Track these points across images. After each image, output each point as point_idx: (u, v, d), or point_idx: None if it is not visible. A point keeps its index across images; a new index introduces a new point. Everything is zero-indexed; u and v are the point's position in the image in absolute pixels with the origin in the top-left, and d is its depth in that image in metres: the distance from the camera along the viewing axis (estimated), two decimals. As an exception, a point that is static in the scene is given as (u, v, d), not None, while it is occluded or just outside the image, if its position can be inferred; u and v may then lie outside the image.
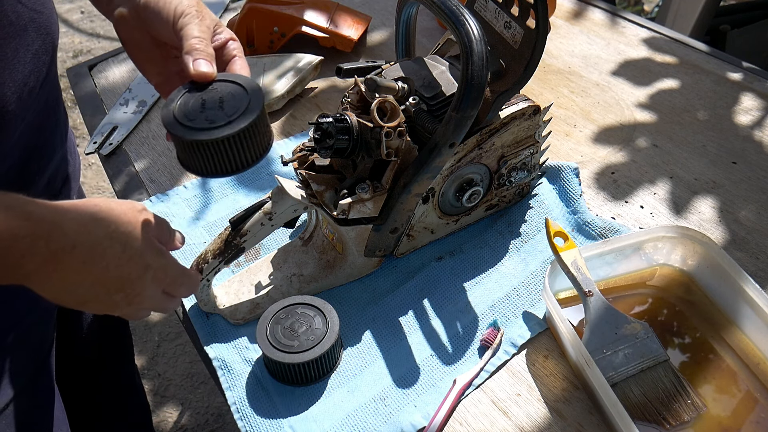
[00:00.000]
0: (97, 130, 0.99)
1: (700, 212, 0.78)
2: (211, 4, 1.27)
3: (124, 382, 1.01)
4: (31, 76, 0.58)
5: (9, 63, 0.55)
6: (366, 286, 0.73)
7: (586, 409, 0.60)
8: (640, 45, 1.08)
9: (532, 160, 0.75)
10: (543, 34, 0.62)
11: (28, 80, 0.58)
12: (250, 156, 0.51)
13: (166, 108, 0.50)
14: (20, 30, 0.55)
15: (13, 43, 0.55)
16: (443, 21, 0.61)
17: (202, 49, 0.52)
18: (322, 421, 0.61)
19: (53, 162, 0.69)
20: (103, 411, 0.98)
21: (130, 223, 0.48)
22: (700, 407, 0.59)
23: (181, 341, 1.72)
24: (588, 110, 0.95)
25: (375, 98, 0.63)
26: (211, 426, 1.53)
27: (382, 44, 1.14)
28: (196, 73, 0.51)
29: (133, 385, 1.04)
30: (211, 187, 0.87)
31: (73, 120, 2.59)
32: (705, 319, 0.66)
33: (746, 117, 0.92)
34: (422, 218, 0.72)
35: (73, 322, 0.83)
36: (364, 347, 0.67)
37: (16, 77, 0.56)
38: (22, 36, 0.56)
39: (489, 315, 0.68)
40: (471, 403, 0.62)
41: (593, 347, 0.61)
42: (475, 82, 0.59)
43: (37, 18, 0.58)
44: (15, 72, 0.56)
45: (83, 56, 2.96)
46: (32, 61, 0.58)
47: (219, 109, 0.50)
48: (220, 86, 0.51)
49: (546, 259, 0.72)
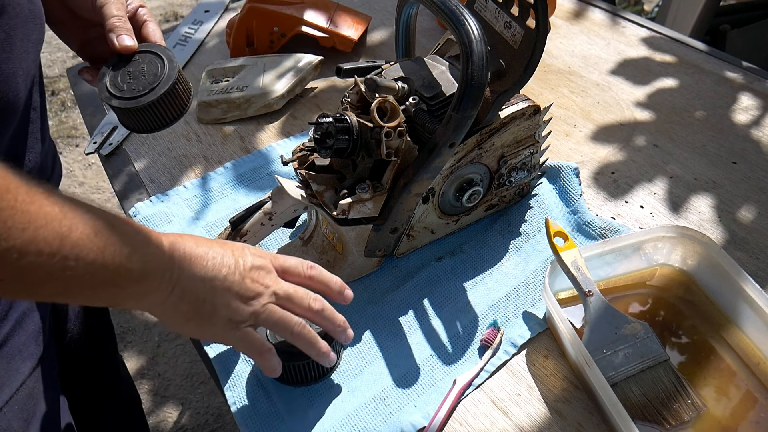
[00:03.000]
0: (97, 130, 0.99)
1: (700, 212, 0.78)
2: (211, 4, 1.27)
3: (110, 371, 1.01)
4: (32, 65, 0.60)
5: (18, 53, 0.56)
6: (366, 286, 0.73)
7: (586, 409, 0.60)
8: (639, 45, 1.08)
9: (532, 160, 0.75)
10: (543, 34, 0.62)
11: (31, 69, 0.60)
12: (175, 111, 0.62)
13: (100, 82, 0.60)
14: (23, 20, 0.57)
15: (20, 33, 0.57)
16: (443, 21, 0.61)
17: (121, 26, 0.60)
18: (322, 421, 0.61)
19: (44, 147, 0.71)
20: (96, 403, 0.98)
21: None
22: (700, 407, 0.59)
23: (181, 341, 1.72)
24: (588, 110, 0.95)
25: (375, 98, 0.63)
26: (211, 426, 1.53)
27: (382, 44, 1.14)
28: (121, 47, 0.59)
29: (119, 376, 1.04)
30: (211, 187, 0.87)
31: (73, 120, 2.59)
32: (705, 319, 0.66)
33: (746, 117, 0.92)
34: (422, 218, 0.72)
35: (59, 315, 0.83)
36: (364, 347, 0.67)
37: (25, 66, 0.58)
38: (24, 26, 0.57)
39: (489, 315, 0.68)
40: (471, 403, 0.62)
41: (593, 347, 0.61)
42: (475, 82, 0.59)
43: (33, 8, 0.60)
44: (23, 61, 0.57)
45: (83, 56, 2.95)
46: (33, 50, 0.60)
47: (143, 78, 0.59)
48: (141, 57, 0.61)
49: (546, 259, 0.72)
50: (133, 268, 0.45)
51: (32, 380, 0.64)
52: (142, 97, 0.59)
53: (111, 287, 0.44)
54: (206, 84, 1.01)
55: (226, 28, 1.12)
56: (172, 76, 0.60)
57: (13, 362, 0.62)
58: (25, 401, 0.63)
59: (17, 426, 0.61)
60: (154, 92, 0.59)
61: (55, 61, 2.95)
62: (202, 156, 0.93)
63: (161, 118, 0.61)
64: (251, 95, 0.97)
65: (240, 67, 1.02)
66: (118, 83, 0.60)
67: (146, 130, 0.62)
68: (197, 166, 0.92)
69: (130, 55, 0.61)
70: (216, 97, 0.98)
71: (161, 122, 0.62)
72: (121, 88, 0.59)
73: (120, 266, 0.43)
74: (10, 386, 0.61)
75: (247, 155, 0.92)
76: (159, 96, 0.59)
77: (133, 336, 1.75)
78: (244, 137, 0.96)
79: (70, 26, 0.66)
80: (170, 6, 3.27)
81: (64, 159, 2.39)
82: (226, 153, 0.93)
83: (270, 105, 0.98)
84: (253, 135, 0.96)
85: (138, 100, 0.59)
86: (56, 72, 2.88)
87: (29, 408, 0.63)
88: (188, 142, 0.96)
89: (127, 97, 0.59)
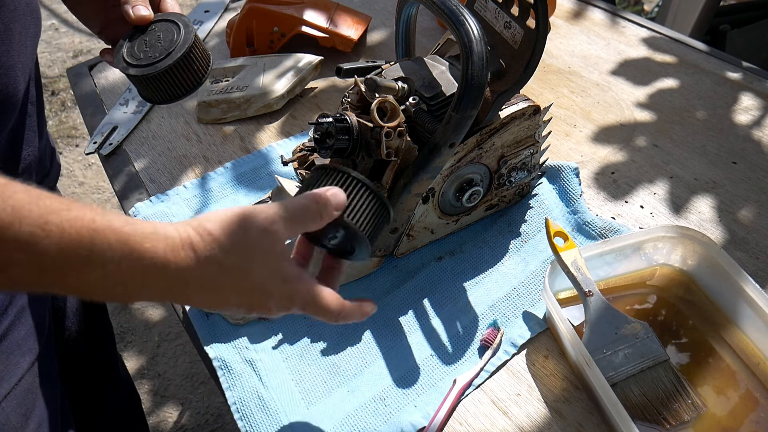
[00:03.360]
0: (97, 130, 0.99)
1: (700, 212, 0.78)
2: (211, 4, 1.27)
3: (109, 370, 1.01)
4: (30, 58, 0.60)
5: (17, 46, 0.57)
6: (366, 286, 0.73)
7: (586, 409, 0.60)
8: (639, 45, 1.08)
9: (532, 160, 0.75)
10: (543, 34, 0.62)
11: (29, 62, 0.60)
12: (193, 78, 0.61)
13: (117, 54, 0.59)
14: (21, 14, 0.57)
15: (18, 26, 0.57)
16: (443, 21, 0.61)
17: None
18: (322, 421, 0.61)
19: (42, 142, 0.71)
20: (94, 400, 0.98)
21: (253, 250, 0.45)
22: (700, 407, 0.59)
23: (181, 341, 1.72)
24: (588, 110, 0.95)
25: (375, 98, 0.63)
26: (211, 426, 1.53)
27: (382, 44, 1.14)
28: (137, 17, 0.59)
29: (118, 374, 1.04)
30: (211, 187, 0.87)
31: (73, 120, 2.59)
32: (705, 319, 0.66)
33: (746, 117, 0.92)
34: (422, 218, 0.72)
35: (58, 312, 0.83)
36: (364, 347, 0.67)
37: (23, 59, 0.58)
38: (22, 19, 0.58)
39: (489, 315, 0.68)
40: (471, 403, 0.62)
41: (593, 347, 0.61)
42: (475, 82, 0.59)
43: (30, 2, 0.60)
44: (22, 54, 0.58)
45: (83, 56, 2.96)
46: (31, 44, 0.60)
47: (159, 46, 0.59)
48: (157, 26, 0.60)
49: (546, 259, 0.72)
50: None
51: (31, 375, 0.64)
52: (157, 63, 0.58)
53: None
54: (206, 84, 1.01)
55: (226, 28, 1.12)
56: (188, 41, 0.58)
57: (12, 357, 0.62)
58: (23, 396, 0.63)
59: (15, 420, 0.61)
60: (170, 57, 0.58)
61: (55, 61, 2.95)
62: (202, 156, 0.93)
63: (179, 85, 0.60)
64: (251, 95, 0.97)
65: (240, 67, 1.02)
66: (135, 53, 0.59)
67: (165, 99, 0.61)
68: (197, 166, 0.92)
69: (146, 26, 0.60)
70: (216, 97, 0.98)
71: (180, 89, 0.61)
72: (138, 57, 0.58)
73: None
74: (8, 381, 0.61)
75: (247, 155, 0.92)
76: (175, 61, 0.58)
77: (133, 336, 1.75)
78: (244, 137, 0.96)
79: (91, 6, 0.65)
80: (170, 6, 3.27)
81: (64, 159, 2.39)
82: (226, 153, 0.93)
83: (270, 105, 0.98)
84: (253, 135, 0.96)
85: (154, 66, 0.58)
86: (56, 72, 2.88)
87: (28, 403, 0.63)
88: (188, 142, 0.96)
89: (143, 65, 0.58)
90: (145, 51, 0.59)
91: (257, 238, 0.45)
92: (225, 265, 0.43)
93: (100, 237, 0.39)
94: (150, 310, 1.81)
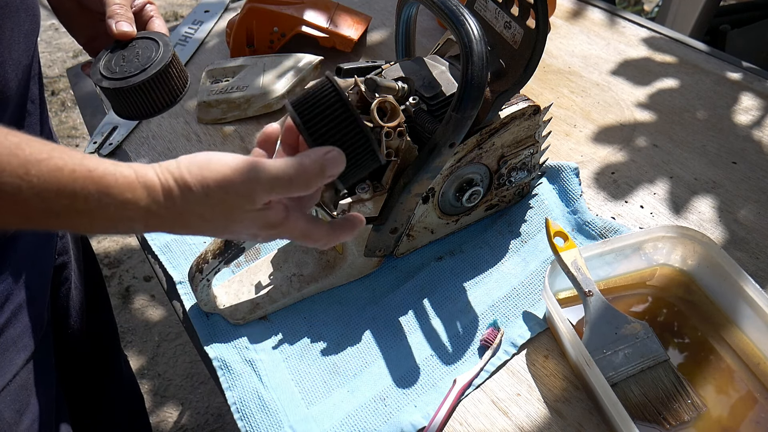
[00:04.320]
0: (97, 130, 0.99)
1: (700, 212, 0.78)
2: (211, 4, 1.27)
3: (112, 368, 1.01)
4: (24, 55, 0.60)
5: (7, 43, 0.56)
6: (366, 286, 0.73)
7: (586, 409, 0.60)
8: (639, 45, 1.08)
9: (532, 160, 0.75)
10: (543, 34, 0.62)
11: (23, 59, 0.60)
12: (167, 96, 0.60)
13: (95, 66, 0.59)
14: (13, 10, 0.57)
15: (9, 23, 0.57)
16: (443, 21, 0.61)
17: (122, 13, 0.60)
18: (322, 421, 0.61)
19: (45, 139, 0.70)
20: (96, 398, 0.98)
21: (232, 202, 0.46)
22: (700, 407, 0.59)
23: (181, 341, 1.72)
24: (588, 110, 0.95)
25: (375, 98, 0.63)
26: (211, 426, 1.53)
27: (382, 44, 1.14)
28: (119, 32, 0.59)
29: (121, 373, 1.04)
30: (211, 187, 0.87)
31: (73, 120, 2.59)
32: (705, 319, 0.66)
33: (746, 117, 0.92)
34: (422, 218, 0.72)
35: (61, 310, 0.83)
36: (364, 347, 0.67)
37: (14, 57, 0.58)
38: (15, 16, 0.57)
39: (489, 315, 0.68)
40: (471, 403, 0.62)
41: (593, 347, 0.61)
42: (475, 82, 0.59)
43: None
44: (12, 52, 0.57)
45: (83, 56, 2.96)
46: (25, 41, 0.60)
47: (135, 61, 0.59)
48: (138, 43, 0.60)
49: (546, 259, 0.72)
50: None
51: (26, 372, 0.64)
52: (131, 78, 0.58)
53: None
54: (206, 84, 1.01)
55: (226, 28, 1.12)
56: (165, 59, 0.58)
57: (7, 353, 0.62)
58: (18, 392, 0.63)
59: (9, 417, 0.61)
60: (144, 73, 0.58)
61: (55, 61, 2.95)
62: (202, 156, 0.93)
63: (151, 102, 0.60)
64: (251, 95, 0.97)
65: (240, 67, 1.02)
66: (111, 66, 0.59)
67: (136, 115, 0.61)
68: (197, 166, 0.91)
69: (128, 42, 0.60)
70: (216, 97, 0.98)
71: (152, 106, 0.60)
72: (113, 70, 0.58)
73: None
74: (3, 377, 0.61)
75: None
76: (149, 77, 0.58)
77: (133, 336, 1.75)
78: (244, 137, 0.96)
79: (78, 19, 0.65)
80: (170, 6, 3.27)
81: (64, 159, 2.38)
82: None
83: (270, 105, 0.98)
84: (253, 135, 0.96)
85: (127, 81, 0.58)
86: (56, 72, 2.88)
87: (22, 399, 0.63)
88: (188, 142, 0.96)
89: (117, 78, 0.58)
90: (122, 65, 0.59)
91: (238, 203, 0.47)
92: (206, 217, 0.46)
93: (80, 187, 0.41)
94: (150, 310, 1.81)
